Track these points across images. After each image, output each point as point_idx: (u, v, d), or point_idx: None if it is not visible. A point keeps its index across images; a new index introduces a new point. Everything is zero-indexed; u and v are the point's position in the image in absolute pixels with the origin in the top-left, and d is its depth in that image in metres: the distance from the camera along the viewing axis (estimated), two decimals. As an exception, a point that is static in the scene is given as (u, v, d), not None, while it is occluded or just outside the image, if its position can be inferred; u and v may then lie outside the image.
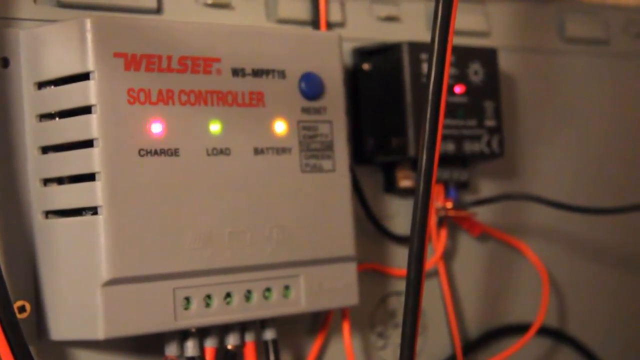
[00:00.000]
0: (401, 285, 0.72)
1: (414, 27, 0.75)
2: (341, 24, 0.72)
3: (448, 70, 0.54)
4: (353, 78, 0.72)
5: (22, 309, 0.57)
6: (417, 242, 0.54)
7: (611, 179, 0.87)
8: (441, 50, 0.54)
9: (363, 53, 0.72)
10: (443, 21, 0.53)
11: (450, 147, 0.72)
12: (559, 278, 0.83)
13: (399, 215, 0.74)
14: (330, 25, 0.71)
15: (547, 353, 0.83)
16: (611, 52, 0.87)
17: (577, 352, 0.84)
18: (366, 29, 0.73)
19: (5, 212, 0.57)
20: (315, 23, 0.69)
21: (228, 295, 0.59)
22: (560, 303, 0.83)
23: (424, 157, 0.54)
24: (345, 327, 0.69)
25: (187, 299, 0.58)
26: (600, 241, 0.86)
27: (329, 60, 0.64)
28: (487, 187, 0.79)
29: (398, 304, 0.74)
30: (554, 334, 0.83)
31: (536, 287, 0.78)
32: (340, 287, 0.64)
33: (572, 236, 0.84)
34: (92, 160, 0.55)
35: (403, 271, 0.71)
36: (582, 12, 0.86)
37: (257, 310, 0.60)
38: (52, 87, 0.57)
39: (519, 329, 0.79)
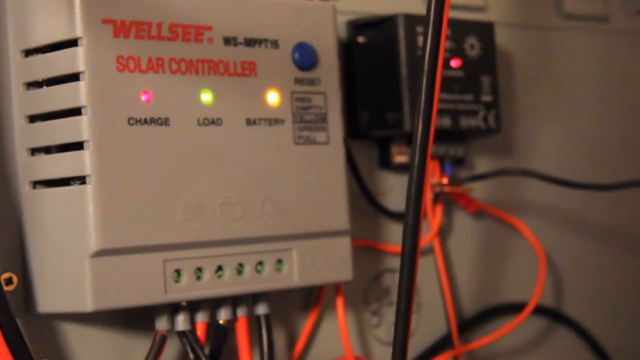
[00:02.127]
0: (395, 263, 0.71)
1: (409, 0, 0.74)
2: (336, -4, 0.71)
3: (444, 43, 0.53)
4: (348, 51, 0.71)
5: (9, 281, 0.56)
6: (412, 216, 0.53)
7: (608, 155, 0.86)
8: (437, 22, 0.52)
9: (358, 26, 0.71)
10: (439, -7, 0.52)
11: (446, 121, 0.71)
12: (555, 256, 0.82)
13: (393, 191, 0.73)
14: (325, -2, 0.70)
15: (543, 332, 0.82)
16: (609, 29, 0.87)
17: (573, 331, 0.83)
18: (361, 1, 0.72)
19: (-8, 182, 0.56)
20: (309, -6, 0.68)
21: (219, 268, 0.58)
22: (556, 282, 0.83)
23: (419, 129, 0.53)
24: (339, 303, 0.68)
25: (178, 272, 0.57)
26: (597, 219, 0.85)
27: (323, 31, 0.63)
28: (483, 164, 0.78)
29: (392, 281, 0.73)
30: (550, 313, 0.82)
31: (532, 265, 0.77)
32: (334, 262, 0.63)
33: (569, 214, 0.83)
34: (81, 128, 0.54)
35: (397, 248, 0.70)
36: (580, -12, 0.85)
37: (249, 284, 0.59)
38: (40, 54, 0.56)
39: (515, 308, 0.78)
